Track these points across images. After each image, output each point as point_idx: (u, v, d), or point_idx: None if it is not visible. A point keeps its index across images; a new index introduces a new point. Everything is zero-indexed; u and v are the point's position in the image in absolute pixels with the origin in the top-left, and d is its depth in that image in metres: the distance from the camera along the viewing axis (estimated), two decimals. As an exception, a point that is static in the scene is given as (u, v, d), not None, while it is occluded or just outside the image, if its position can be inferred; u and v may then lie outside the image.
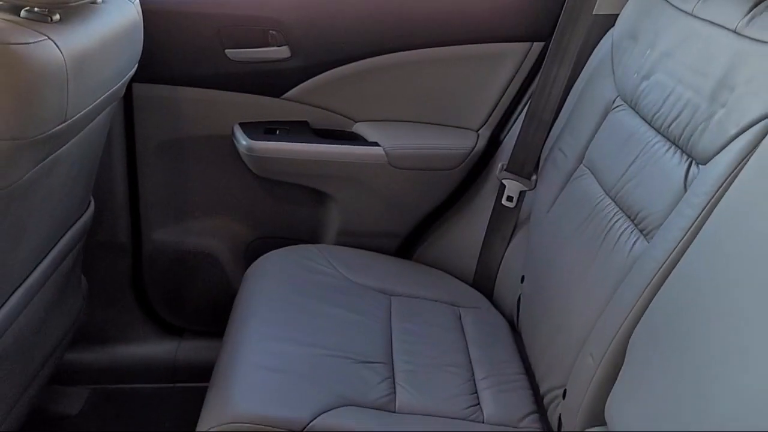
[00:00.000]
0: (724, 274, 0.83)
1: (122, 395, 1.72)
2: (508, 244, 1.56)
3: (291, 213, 1.69)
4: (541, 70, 1.49)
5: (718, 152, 0.94)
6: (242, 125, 1.57)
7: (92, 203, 1.46)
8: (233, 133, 1.57)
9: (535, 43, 1.52)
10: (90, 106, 1.04)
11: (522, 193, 1.53)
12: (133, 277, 1.71)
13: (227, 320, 1.36)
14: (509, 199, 1.53)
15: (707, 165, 0.96)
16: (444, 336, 1.38)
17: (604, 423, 1.01)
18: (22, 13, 0.93)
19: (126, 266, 1.69)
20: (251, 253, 1.65)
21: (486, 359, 1.33)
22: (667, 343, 0.89)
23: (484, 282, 1.59)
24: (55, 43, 0.91)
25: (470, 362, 1.32)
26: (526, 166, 1.51)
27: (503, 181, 1.53)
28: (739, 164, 0.89)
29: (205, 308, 1.75)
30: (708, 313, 0.83)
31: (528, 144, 1.51)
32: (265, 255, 1.53)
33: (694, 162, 1.01)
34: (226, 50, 1.51)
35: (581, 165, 1.32)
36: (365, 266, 1.55)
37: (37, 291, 1.19)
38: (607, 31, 1.40)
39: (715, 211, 0.89)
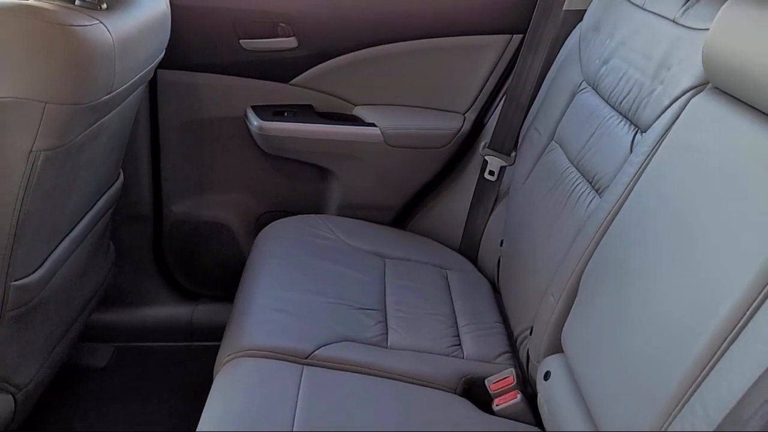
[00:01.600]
0: (650, 219, 1.02)
1: (144, 352, 1.89)
2: (490, 213, 1.75)
3: (296, 188, 1.87)
4: (518, 60, 1.67)
5: (656, 120, 1.13)
6: (254, 108, 1.76)
7: (121, 175, 1.64)
8: (246, 115, 1.76)
9: (514, 35, 1.70)
10: (130, 82, 1.23)
11: (502, 168, 1.72)
12: (154, 245, 1.89)
13: (238, 285, 1.52)
14: (491, 173, 1.72)
15: (647, 131, 1.15)
16: (432, 292, 1.56)
17: (561, 351, 1.19)
18: (77, 1, 1.12)
19: (148, 236, 1.87)
20: (261, 224, 1.82)
21: (468, 310, 1.51)
22: (608, 279, 1.08)
23: (469, 248, 1.78)
24: (106, 27, 1.10)
25: (454, 313, 1.50)
26: (506, 144, 1.70)
27: (486, 157, 1.72)
28: (669, 128, 1.08)
29: (218, 275, 1.93)
30: (638, 252, 1.02)
31: (508, 125, 1.69)
32: (273, 223, 1.72)
33: (639, 131, 1.20)
34: (241, 40, 1.69)
35: (552, 141, 1.51)
36: (363, 234, 1.73)
37: (77, 245, 1.37)
38: (576, 24, 1.58)
39: (648, 167, 1.08)
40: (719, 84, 0.98)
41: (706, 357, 0.81)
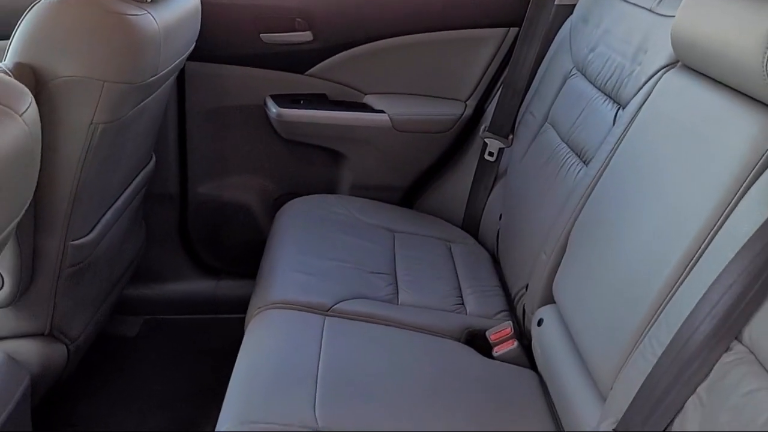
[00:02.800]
0: (626, 177, 1.18)
1: (170, 323, 2.04)
2: (490, 191, 1.90)
3: (311, 170, 2.03)
4: (514, 51, 1.83)
5: (634, 96, 1.29)
6: (273, 97, 1.91)
7: (153, 157, 1.80)
8: (265, 103, 1.92)
9: (510, 28, 1.86)
10: (170, 66, 1.39)
11: (501, 150, 1.88)
12: (180, 224, 2.05)
13: (258, 262, 1.66)
14: (490, 154, 1.88)
15: (626, 107, 1.31)
16: (437, 260, 1.72)
17: (553, 302, 1.35)
18: (127, -5, 1.29)
19: (174, 215, 2.03)
20: (278, 205, 1.96)
21: (470, 276, 1.67)
22: (591, 233, 1.24)
23: (471, 224, 1.94)
24: (153, 16, 1.26)
25: (457, 277, 1.66)
26: (504, 128, 1.86)
27: (485, 140, 1.88)
28: (644, 102, 1.24)
29: (239, 252, 2.09)
30: (616, 207, 1.18)
31: (505, 110, 1.85)
32: (291, 201, 1.88)
33: (620, 107, 1.36)
34: (261, 34, 1.85)
35: (546, 123, 1.66)
36: (373, 211, 1.89)
37: (120, 215, 1.53)
38: (567, 17, 1.74)
39: (626, 136, 1.24)
40: (686, 61, 1.14)
41: (669, 284, 0.97)
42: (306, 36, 1.87)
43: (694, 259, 0.94)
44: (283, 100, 1.91)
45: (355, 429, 1.07)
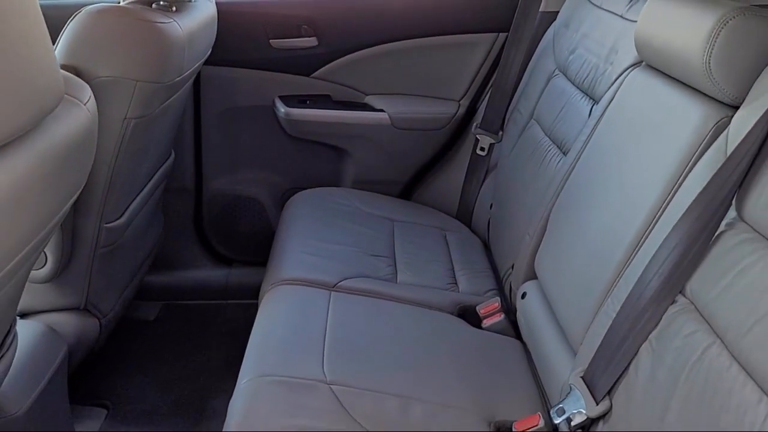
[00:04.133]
0: (597, 163, 1.34)
1: (186, 308, 2.20)
2: (482, 184, 2.06)
3: (316, 166, 2.18)
4: (503, 54, 1.99)
5: (605, 92, 1.45)
6: (281, 97, 2.07)
7: (173, 153, 1.96)
8: (274, 104, 2.08)
9: (500, 33, 2.02)
10: (192, 68, 1.56)
11: (491, 145, 2.03)
12: (195, 216, 2.21)
13: (268, 252, 1.80)
14: (482, 149, 2.04)
15: (599, 102, 1.46)
16: (433, 246, 1.87)
17: (536, 278, 1.50)
18: (153, 5, 1.45)
19: (190, 208, 2.19)
20: (286, 198, 2.12)
21: (463, 260, 1.82)
22: (567, 213, 1.40)
23: (464, 214, 2.09)
24: (178, 24, 1.42)
25: (451, 261, 1.81)
26: (494, 125, 2.01)
27: (477, 136, 2.03)
28: (613, 97, 1.39)
29: (249, 242, 2.24)
30: (587, 189, 1.34)
31: (495, 108, 2.01)
32: (298, 193, 2.03)
33: (594, 103, 1.51)
34: (270, 40, 2.01)
35: (532, 119, 1.82)
36: (374, 202, 2.05)
37: (145, 203, 1.69)
38: (551, 23, 1.90)
39: (597, 128, 1.40)
40: (647, 60, 1.30)
41: (628, 252, 1.12)
42: (312, 41, 2.03)
43: (649, 229, 1.10)
44: (290, 100, 2.07)
45: (358, 383, 1.23)
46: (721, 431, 0.81)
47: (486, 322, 1.55)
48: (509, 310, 1.62)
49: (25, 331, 1.39)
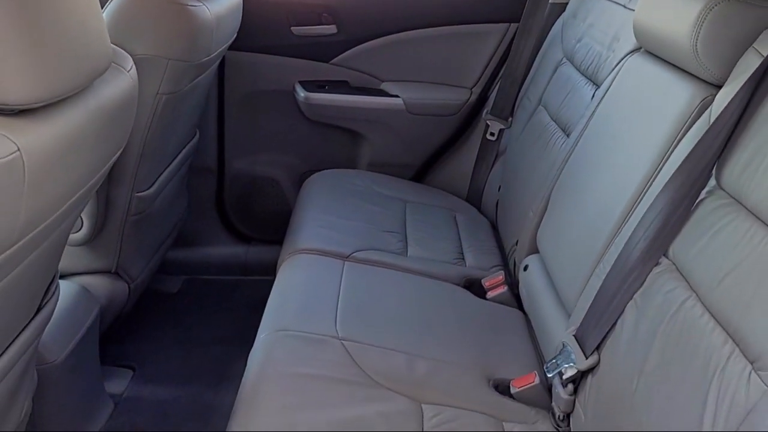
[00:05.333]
0: (595, 142, 1.42)
1: (207, 283, 2.31)
2: (491, 168, 2.15)
3: (333, 149, 2.28)
4: (514, 44, 2.08)
5: (606, 77, 1.53)
6: (301, 82, 2.18)
7: (198, 134, 2.07)
8: (294, 89, 2.18)
9: (511, 24, 2.11)
10: (219, 50, 1.66)
11: (501, 131, 2.12)
12: (217, 196, 2.31)
13: (285, 231, 1.89)
14: (492, 134, 2.13)
15: (601, 86, 1.55)
16: (442, 224, 1.97)
17: (538, 252, 1.59)
18: (184, -10, 1.55)
19: (212, 188, 2.30)
20: (304, 180, 2.21)
21: (471, 238, 1.91)
22: (567, 189, 1.49)
23: (474, 197, 2.19)
24: (207, 7, 1.53)
25: (459, 239, 1.90)
26: (504, 111, 2.10)
27: (488, 122, 2.12)
28: (613, 81, 1.48)
29: (268, 221, 2.35)
30: (586, 166, 1.42)
31: (506, 95, 2.10)
32: (315, 174, 2.13)
33: (597, 87, 1.60)
34: (292, 27, 2.11)
35: (539, 105, 1.91)
36: (388, 184, 2.14)
37: (172, 177, 1.80)
38: (560, 14, 1.99)
39: (597, 110, 1.48)
40: (644, 45, 1.38)
41: (619, 221, 1.21)
42: (331, 29, 2.13)
43: (638, 199, 1.19)
44: (310, 85, 2.17)
45: (368, 340, 1.33)
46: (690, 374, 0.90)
47: (490, 294, 1.64)
48: (513, 284, 1.71)
49: (62, 290, 1.50)
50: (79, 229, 1.52)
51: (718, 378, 0.85)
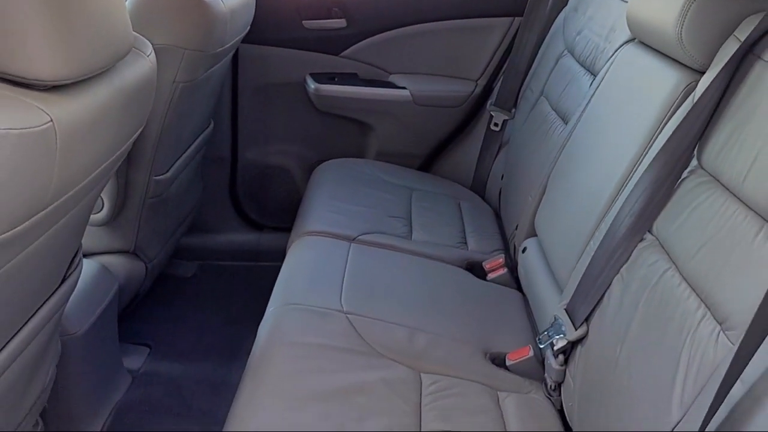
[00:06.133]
0: (588, 128, 1.49)
1: (220, 268, 2.39)
2: (495, 158, 2.22)
3: (342, 139, 2.36)
4: (517, 37, 2.15)
5: (603, 66, 1.59)
6: (311, 75, 2.25)
7: (212, 123, 2.15)
8: (305, 80, 2.26)
9: (515, 18, 2.18)
10: (232, 42, 1.74)
11: (505, 122, 2.19)
12: (230, 184, 2.40)
13: (295, 219, 1.95)
14: (496, 125, 2.19)
15: (597, 75, 1.61)
16: (447, 211, 2.04)
17: (536, 235, 1.66)
18: (200, -16, 1.64)
19: (225, 176, 2.38)
20: (314, 169, 2.30)
21: (474, 224, 1.98)
22: (563, 173, 1.55)
23: (478, 186, 2.25)
24: (222, 0, 1.61)
25: (463, 224, 1.97)
26: (508, 102, 2.17)
27: (492, 113, 2.19)
28: (608, 71, 1.54)
29: (279, 209, 2.43)
30: (580, 150, 1.49)
31: (509, 87, 2.16)
32: (325, 162, 2.21)
33: (594, 77, 1.66)
34: (303, 21, 2.19)
35: (541, 96, 1.97)
36: (395, 173, 2.21)
37: (188, 163, 1.88)
38: (562, 8, 2.05)
39: (592, 98, 1.55)
40: (636, 35, 1.45)
41: (609, 202, 1.28)
42: (341, 23, 2.20)
43: (626, 180, 1.25)
44: (320, 77, 2.25)
45: (371, 314, 1.40)
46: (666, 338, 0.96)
47: (490, 276, 1.71)
48: (513, 267, 1.77)
49: (84, 268, 1.58)
50: (100, 210, 1.60)
51: (690, 339, 0.92)
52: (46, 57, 0.77)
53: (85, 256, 1.69)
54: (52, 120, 0.76)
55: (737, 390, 0.79)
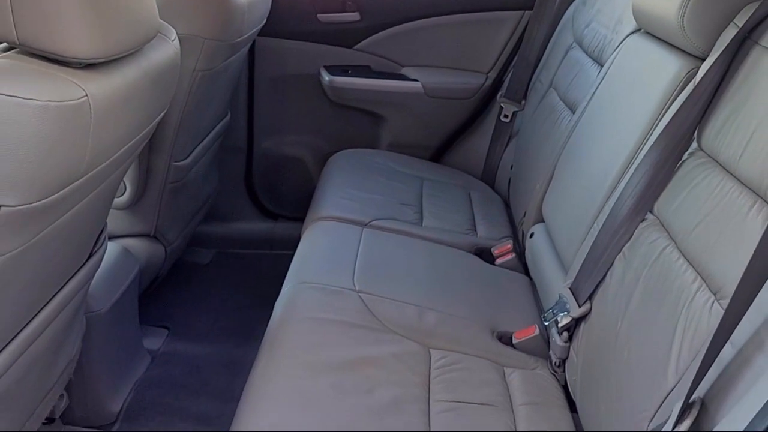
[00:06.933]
0: (594, 115, 1.53)
1: (235, 256, 2.46)
2: (505, 148, 2.26)
3: (355, 130, 2.41)
4: (527, 30, 2.19)
5: (609, 57, 1.64)
6: (326, 67, 2.31)
7: (229, 113, 2.21)
8: (319, 73, 2.31)
9: (525, 11, 2.22)
10: (249, 33, 1.80)
11: (514, 113, 2.23)
12: (246, 174, 2.46)
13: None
14: (506, 116, 2.24)
15: (604, 65, 1.66)
16: (457, 200, 2.08)
17: (543, 221, 1.70)
18: (219, -23, 1.69)
19: (241, 166, 2.44)
20: (328, 160, 2.36)
21: (483, 212, 2.03)
22: (570, 160, 1.60)
23: (488, 176, 2.30)
24: (239, -6, 1.67)
25: (472, 213, 2.02)
26: (518, 94, 2.21)
27: (502, 104, 2.24)
28: (615, 60, 1.58)
29: (293, 199, 2.48)
30: (586, 137, 1.53)
31: (519, 79, 2.21)
32: (338, 152, 2.27)
33: (601, 67, 1.70)
34: (318, 14, 2.25)
35: (550, 88, 2.02)
36: (406, 163, 2.26)
37: (206, 151, 1.95)
38: (571, 2, 2.09)
39: (599, 87, 1.59)
40: (641, 25, 1.49)
41: (612, 185, 1.32)
42: (354, 16, 2.26)
43: (630, 163, 1.29)
44: (334, 70, 2.30)
45: (382, 293, 1.45)
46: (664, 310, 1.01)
47: (499, 260, 1.76)
48: (521, 253, 1.82)
49: (107, 250, 1.66)
50: (123, 193, 1.67)
51: (686, 310, 0.96)
52: (82, 37, 0.83)
53: (108, 239, 1.76)
54: (87, 95, 0.82)
55: (728, 353, 0.83)
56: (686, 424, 0.82)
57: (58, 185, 0.82)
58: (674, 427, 0.83)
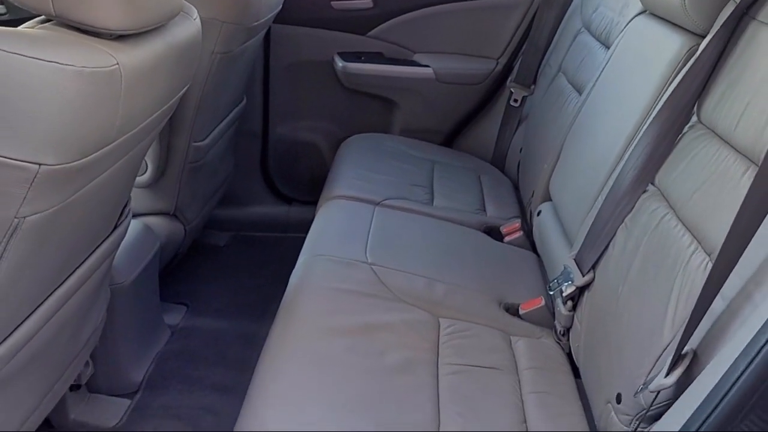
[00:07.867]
0: (600, 95, 1.58)
1: (251, 239, 2.52)
2: (515, 132, 2.31)
3: (368, 115, 2.47)
4: (536, 16, 2.23)
5: (616, 39, 1.68)
6: (339, 54, 2.36)
7: (245, 99, 2.27)
8: (333, 59, 2.37)
9: (535, -2, 2.27)
10: (265, 18, 1.86)
11: (524, 98, 2.28)
12: (261, 158, 2.52)
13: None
14: (515, 101, 2.28)
15: (610, 47, 1.70)
16: (467, 182, 2.14)
17: (550, 200, 1.75)
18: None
19: (257, 150, 2.50)
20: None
21: (493, 193, 2.08)
22: (576, 139, 1.64)
23: (498, 160, 2.35)
24: (256, -22, 1.73)
25: (482, 194, 2.07)
26: (527, 79, 2.26)
27: (511, 89, 2.28)
28: (620, 42, 1.63)
29: (307, 183, 2.54)
30: (592, 116, 1.58)
31: (529, 64, 2.25)
32: (351, 137, 2.32)
33: (607, 49, 1.75)
34: (331, 2, 2.30)
35: (559, 72, 2.06)
36: (418, 147, 2.32)
37: (223, 133, 2.01)
38: (581, -13, 2.13)
39: (605, 68, 1.64)
40: (646, 6, 1.53)
41: (616, 159, 1.37)
42: (368, 3, 2.31)
43: (633, 138, 1.34)
44: (347, 56, 2.36)
45: (393, 265, 1.51)
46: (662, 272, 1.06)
47: (507, 239, 1.81)
48: (529, 232, 1.87)
49: (130, 226, 1.73)
50: (144, 172, 1.73)
51: (682, 272, 1.01)
52: (114, 10, 0.89)
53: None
54: (118, 63, 0.88)
55: (718, 305, 0.88)
56: (677, 373, 0.87)
57: (92, 147, 0.89)
58: (665, 377, 0.88)
